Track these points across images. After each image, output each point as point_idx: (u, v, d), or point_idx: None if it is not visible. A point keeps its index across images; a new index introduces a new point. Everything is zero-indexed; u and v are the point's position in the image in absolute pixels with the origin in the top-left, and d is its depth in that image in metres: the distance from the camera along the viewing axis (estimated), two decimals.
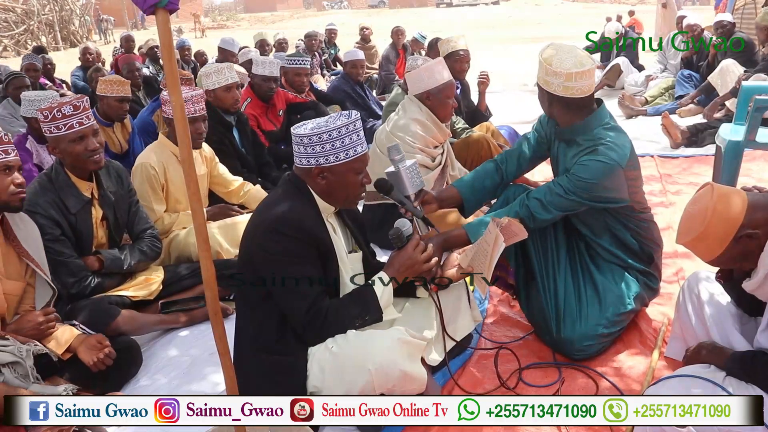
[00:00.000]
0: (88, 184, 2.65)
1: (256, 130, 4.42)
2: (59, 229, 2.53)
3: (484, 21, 28.33)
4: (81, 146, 2.52)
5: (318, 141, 1.89)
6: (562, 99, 2.25)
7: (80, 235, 2.62)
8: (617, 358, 2.35)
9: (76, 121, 2.50)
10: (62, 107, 2.47)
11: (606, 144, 2.25)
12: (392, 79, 8.33)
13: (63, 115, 2.47)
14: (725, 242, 1.65)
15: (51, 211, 2.51)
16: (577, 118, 2.30)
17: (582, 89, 2.22)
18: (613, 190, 2.27)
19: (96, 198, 2.68)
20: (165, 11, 1.35)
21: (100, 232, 2.72)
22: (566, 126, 2.34)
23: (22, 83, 5.20)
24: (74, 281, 2.55)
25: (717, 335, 1.96)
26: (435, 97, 3.24)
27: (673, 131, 5.16)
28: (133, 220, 2.86)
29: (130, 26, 30.76)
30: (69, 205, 2.57)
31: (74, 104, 2.49)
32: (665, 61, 7.49)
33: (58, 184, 2.57)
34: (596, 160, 2.22)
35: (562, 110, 2.31)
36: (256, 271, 1.94)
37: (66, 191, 2.58)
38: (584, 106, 2.29)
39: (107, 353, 2.21)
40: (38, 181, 2.60)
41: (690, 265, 3.01)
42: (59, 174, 2.59)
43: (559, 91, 2.23)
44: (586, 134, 2.30)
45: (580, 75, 2.19)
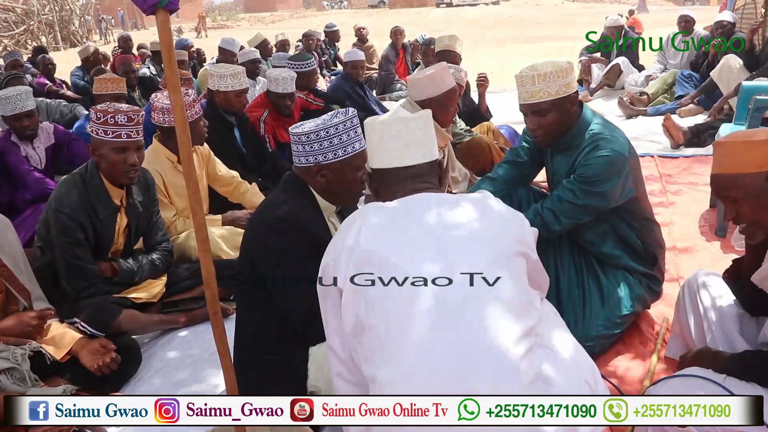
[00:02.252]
0: (119, 191, 2.64)
1: (271, 139, 4.39)
2: (83, 233, 2.51)
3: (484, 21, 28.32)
4: (121, 158, 2.50)
5: (316, 139, 1.89)
6: (558, 102, 2.24)
7: (101, 240, 2.61)
8: (617, 358, 2.35)
9: (125, 133, 2.48)
10: (117, 115, 2.46)
11: (605, 138, 2.26)
12: (392, 79, 8.34)
13: (116, 122, 2.46)
14: (763, 168, 1.59)
15: (79, 215, 2.49)
16: (570, 119, 2.31)
17: (572, 84, 2.27)
18: (620, 181, 2.27)
19: (124, 206, 2.67)
20: (165, 11, 1.35)
21: (120, 239, 2.72)
22: (561, 136, 2.34)
23: (21, 83, 5.20)
24: (86, 286, 2.54)
25: (718, 335, 1.96)
26: (437, 104, 3.25)
27: (675, 133, 5.14)
28: (152, 230, 2.86)
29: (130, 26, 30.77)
30: (98, 210, 2.56)
31: (129, 116, 2.48)
32: (665, 61, 7.49)
33: (91, 187, 2.56)
34: (599, 155, 2.23)
35: (557, 117, 2.29)
36: (256, 271, 1.94)
37: (98, 196, 2.56)
38: (575, 103, 2.31)
39: (113, 357, 2.21)
40: (71, 182, 2.58)
41: (690, 265, 3.01)
42: (93, 177, 2.57)
43: (561, 92, 2.23)
44: (581, 136, 2.31)
45: (566, 71, 2.24)
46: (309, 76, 5.14)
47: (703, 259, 3.15)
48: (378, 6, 43.32)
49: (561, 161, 2.42)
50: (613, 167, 2.23)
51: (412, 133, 1.56)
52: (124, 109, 2.51)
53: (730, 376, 1.69)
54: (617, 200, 2.30)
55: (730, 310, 1.98)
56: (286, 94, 4.38)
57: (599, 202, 2.28)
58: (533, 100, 2.27)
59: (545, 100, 2.25)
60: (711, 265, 2.98)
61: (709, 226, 3.56)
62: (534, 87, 2.24)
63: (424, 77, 3.31)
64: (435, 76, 3.29)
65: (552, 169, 2.52)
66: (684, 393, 1.66)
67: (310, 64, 5.16)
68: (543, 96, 2.24)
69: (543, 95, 2.24)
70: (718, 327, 1.97)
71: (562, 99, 2.26)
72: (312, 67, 5.19)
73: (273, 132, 4.46)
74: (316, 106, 5.07)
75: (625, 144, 2.29)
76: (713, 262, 3.07)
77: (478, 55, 14.33)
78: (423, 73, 3.40)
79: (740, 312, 1.97)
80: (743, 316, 1.96)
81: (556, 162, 2.46)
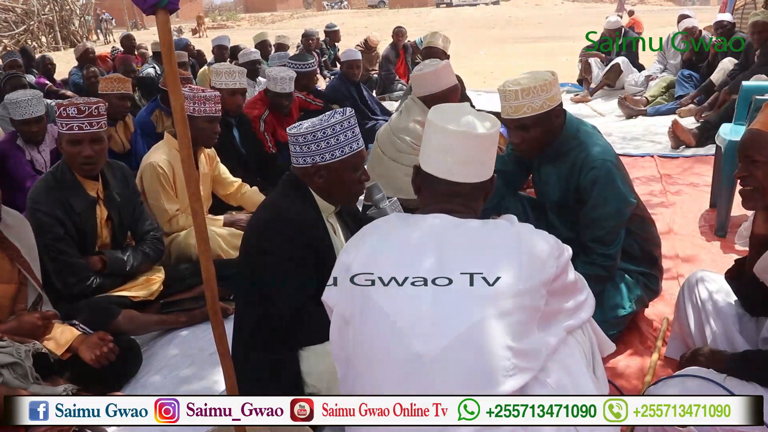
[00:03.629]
0: (93, 183, 2.64)
1: (271, 138, 4.39)
2: (62, 228, 2.51)
3: (484, 21, 28.32)
4: (75, 150, 2.51)
5: (313, 139, 1.89)
6: (543, 117, 2.20)
7: (84, 235, 2.61)
8: (617, 358, 2.35)
9: (76, 125, 2.48)
10: (68, 107, 2.47)
11: (596, 145, 2.27)
12: (392, 79, 8.33)
13: (67, 115, 2.47)
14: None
15: (55, 210, 2.50)
16: (555, 131, 2.28)
17: (556, 97, 2.21)
18: (627, 183, 2.29)
19: (102, 198, 2.67)
20: (165, 11, 1.35)
21: (104, 232, 2.72)
22: (547, 147, 2.32)
23: (19, 83, 5.20)
24: (76, 281, 2.54)
25: (718, 335, 1.96)
26: (439, 100, 3.25)
27: (686, 136, 5.10)
28: (137, 221, 2.85)
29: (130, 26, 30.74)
30: (74, 204, 2.55)
31: (79, 107, 2.47)
32: (665, 61, 7.49)
33: (63, 183, 2.56)
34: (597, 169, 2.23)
35: (542, 131, 2.25)
36: (253, 271, 1.95)
37: (71, 190, 2.56)
38: (560, 115, 2.28)
39: (111, 348, 2.21)
40: (44, 180, 2.59)
41: (690, 266, 3.01)
42: (65, 173, 2.58)
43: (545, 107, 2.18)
44: (568, 144, 2.30)
45: (550, 84, 2.18)
46: (309, 76, 5.14)
47: (703, 260, 3.15)
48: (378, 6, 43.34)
49: (550, 172, 2.40)
50: (616, 171, 2.25)
51: (473, 151, 1.42)
52: (77, 101, 2.52)
53: (730, 375, 1.69)
54: (632, 206, 2.31)
55: (730, 309, 1.99)
56: (284, 94, 4.38)
57: (622, 212, 2.27)
58: (517, 116, 2.19)
59: (529, 116, 2.18)
60: (711, 265, 2.98)
61: (709, 227, 3.56)
62: (518, 102, 2.16)
63: (429, 72, 3.34)
64: (439, 72, 3.31)
65: (540, 179, 2.49)
66: (684, 393, 1.66)
67: (310, 65, 5.16)
68: (527, 111, 2.17)
69: (527, 110, 2.16)
70: (717, 326, 1.97)
71: (547, 113, 2.19)
72: (312, 68, 5.19)
73: (273, 131, 4.46)
74: (315, 106, 5.07)
75: (609, 148, 2.31)
76: (713, 262, 3.07)
77: (478, 56, 14.33)
78: (428, 69, 3.42)
79: (740, 311, 1.97)
80: (743, 315, 1.96)
81: (545, 173, 2.44)
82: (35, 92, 3.91)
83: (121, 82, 4.26)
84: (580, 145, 2.29)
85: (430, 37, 5.11)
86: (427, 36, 5.23)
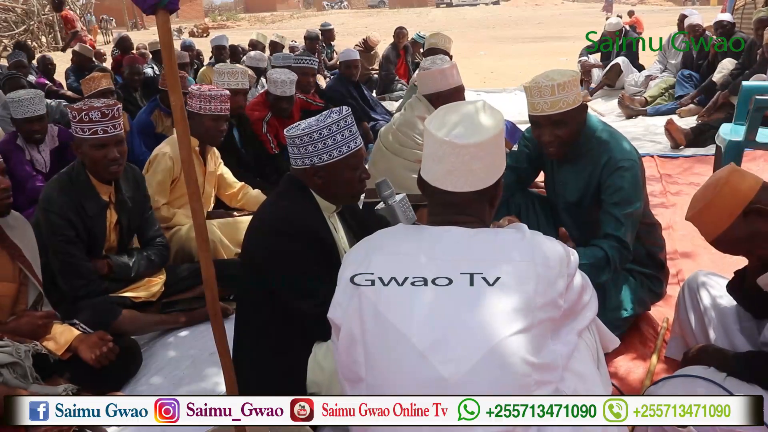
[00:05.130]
0: (107, 187, 2.64)
1: (273, 140, 4.38)
2: (74, 230, 2.52)
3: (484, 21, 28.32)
4: (101, 153, 2.50)
5: (310, 141, 1.88)
6: (577, 112, 2.19)
7: (93, 238, 2.61)
8: (618, 358, 2.35)
9: (101, 128, 2.48)
10: (90, 111, 2.46)
11: (618, 144, 2.25)
12: (392, 79, 8.32)
13: (90, 119, 2.46)
14: (733, 215, 1.63)
15: (68, 213, 2.50)
16: (581, 129, 2.26)
17: (581, 93, 2.21)
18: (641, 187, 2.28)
19: (113, 202, 2.67)
20: (165, 11, 1.35)
21: (112, 236, 2.72)
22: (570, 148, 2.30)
23: (18, 84, 5.20)
24: (83, 284, 2.54)
25: (718, 335, 1.96)
26: (445, 99, 3.25)
27: (678, 136, 5.14)
28: (145, 226, 2.86)
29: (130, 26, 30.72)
30: (87, 207, 2.56)
31: (103, 111, 2.47)
32: (665, 61, 7.48)
33: (78, 185, 2.56)
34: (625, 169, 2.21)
35: (575, 128, 2.23)
36: (259, 272, 1.93)
37: (85, 193, 2.57)
38: (585, 111, 2.26)
39: (110, 347, 2.21)
40: (58, 181, 2.59)
41: (690, 266, 3.01)
42: (80, 175, 2.58)
43: (578, 101, 2.17)
44: (588, 143, 2.28)
45: (577, 80, 2.19)
46: (311, 74, 5.13)
47: (703, 260, 3.15)
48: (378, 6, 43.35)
49: (569, 172, 2.37)
50: (639, 174, 2.24)
51: (458, 161, 1.36)
52: (98, 105, 2.50)
53: (732, 375, 1.69)
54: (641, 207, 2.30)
55: (730, 309, 1.99)
56: (285, 97, 4.37)
57: (637, 210, 2.25)
58: (553, 111, 2.14)
59: (565, 110, 2.14)
60: (711, 266, 2.97)
61: None
62: (553, 97, 2.12)
63: (437, 71, 3.35)
64: (446, 71, 3.32)
65: (558, 180, 2.46)
66: (684, 393, 1.66)
67: (312, 62, 5.17)
68: (563, 106, 2.13)
69: (563, 105, 2.13)
70: (718, 326, 1.97)
71: (580, 108, 2.19)
72: (314, 64, 5.19)
73: (276, 133, 4.46)
74: (316, 106, 5.08)
75: (631, 149, 2.29)
76: (713, 263, 3.07)
77: (478, 56, 14.33)
78: (435, 67, 3.43)
79: (741, 311, 1.97)
80: (743, 315, 1.96)
81: (564, 173, 2.40)
82: (37, 91, 3.93)
83: (98, 79, 4.28)
84: (603, 143, 2.26)
85: (432, 38, 5.12)
86: (429, 36, 5.23)
